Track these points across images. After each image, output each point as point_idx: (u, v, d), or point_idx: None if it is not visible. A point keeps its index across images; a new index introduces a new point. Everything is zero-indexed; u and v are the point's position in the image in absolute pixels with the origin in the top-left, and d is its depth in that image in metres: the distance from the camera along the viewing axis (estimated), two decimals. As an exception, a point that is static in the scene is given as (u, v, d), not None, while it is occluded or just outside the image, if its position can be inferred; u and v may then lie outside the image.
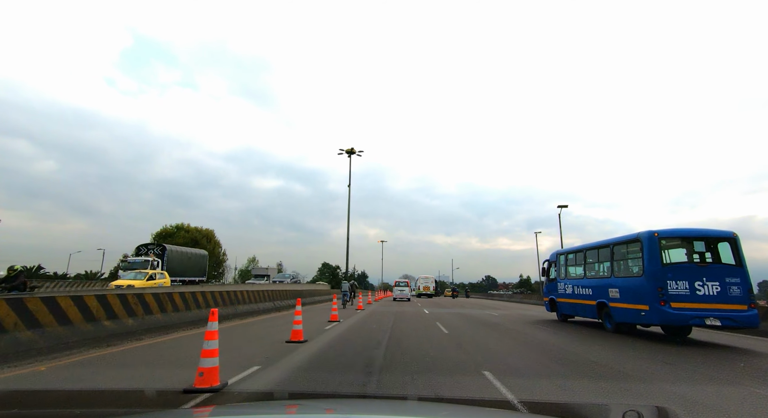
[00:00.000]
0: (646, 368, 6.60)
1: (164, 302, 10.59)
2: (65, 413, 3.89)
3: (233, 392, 4.53)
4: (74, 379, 5.02)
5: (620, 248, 11.72)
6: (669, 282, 9.70)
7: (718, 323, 9.29)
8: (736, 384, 5.55)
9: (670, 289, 9.65)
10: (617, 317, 11.35)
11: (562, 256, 15.88)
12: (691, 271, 9.79)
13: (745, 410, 4.31)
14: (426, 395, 4.52)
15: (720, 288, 9.55)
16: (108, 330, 8.19)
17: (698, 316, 9.38)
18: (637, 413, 1.74)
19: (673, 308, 9.51)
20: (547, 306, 17.33)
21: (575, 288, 14.23)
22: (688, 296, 9.57)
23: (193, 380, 4.63)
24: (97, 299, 8.19)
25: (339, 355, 7.20)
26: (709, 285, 9.60)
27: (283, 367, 5.93)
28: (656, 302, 9.68)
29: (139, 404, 4.21)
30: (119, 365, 5.90)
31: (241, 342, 8.48)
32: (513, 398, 4.43)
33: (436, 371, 5.86)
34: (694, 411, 4.20)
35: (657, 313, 9.65)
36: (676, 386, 5.34)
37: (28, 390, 4.59)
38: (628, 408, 2.13)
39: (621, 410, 2.03)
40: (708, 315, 9.36)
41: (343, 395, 4.43)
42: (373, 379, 5.20)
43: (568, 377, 5.68)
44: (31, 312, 6.69)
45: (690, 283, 9.65)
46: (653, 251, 10.13)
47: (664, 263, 10.08)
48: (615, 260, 11.88)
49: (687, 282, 9.66)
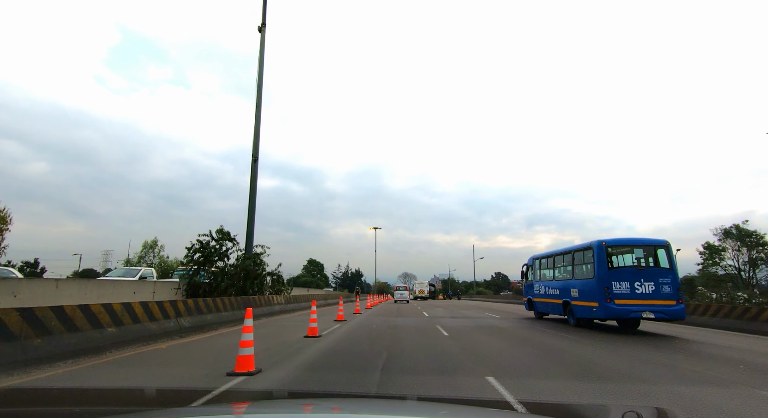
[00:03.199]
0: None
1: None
2: (65, 410, 3.95)
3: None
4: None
5: (579, 255, 13.75)
6: (613, 283, 11.72)
7: (653, 316, 11.32)
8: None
9: (615, 289, 11.67)
10: (577, 313, 13.36)
11: (537, 260, 17.92)
12: (632, 273, 11.82)
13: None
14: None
15: (654, 287, 11.59)
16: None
17: (637, 310, 11.41)
18: (637, 413, 1.72)
19: (616, 305, 11.53)
20: (525, 305, 19.42)
21: (547, 289, 16.27)
22: (629, 295, 11.59)
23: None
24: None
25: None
26: (646, 285, 11.63)
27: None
28: (603, 299, 11.70)
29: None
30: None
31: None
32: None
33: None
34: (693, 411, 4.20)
35: (604, 309, 11.67)
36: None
37: (31, 388, 4.79)
38: (628, 409, 2.20)
39: (620, 411, 2.05)
40: (644, 309, 11.39)
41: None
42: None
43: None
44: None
45: (630, 283, 11.68)
46: (601, 257, 12.16)
47: (611, 267, 12.11)
48: (575, 265, 13.91)
49: (628, 283, 11.69)
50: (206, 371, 5.84)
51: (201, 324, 10.91)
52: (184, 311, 10.35)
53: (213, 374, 5.66)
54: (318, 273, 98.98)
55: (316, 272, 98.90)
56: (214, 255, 17.42)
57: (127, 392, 4.84)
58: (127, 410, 3.09)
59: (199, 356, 7.49)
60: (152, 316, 8.95)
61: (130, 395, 4.71)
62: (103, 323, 7.41)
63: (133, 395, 4.69)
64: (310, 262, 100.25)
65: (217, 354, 7.55)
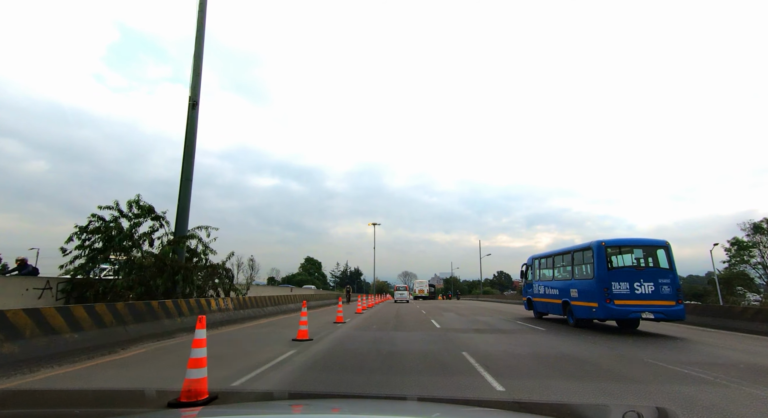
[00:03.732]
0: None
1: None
2: (65, 412, 3.83)
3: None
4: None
5: (578, 255, 13.76)
6: (613, 283, 11.74)
7: (652, 316, 11.34)
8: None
9: (614, 289, 11.69)
10: (577, 314, 13.38)
11: (536, 260, 17.94)
12: (631, 274, 11.84)
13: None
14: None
15: (654, 287, 11.61)
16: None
17: (636, 311, 11.43)
18: (637, 413, 1.72)
19: (616, 305, 11.55)
20: (525, 305, 19.45)
21: (546, 289, 16.28)
22: (629, 295, 11.61)
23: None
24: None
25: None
26: (646, 285, 11.65)
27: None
28: (603, 300, 11.71)
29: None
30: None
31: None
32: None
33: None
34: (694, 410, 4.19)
35: (604, 309, 11.68)
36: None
37: (33, 390, 4.61)
38: (628, 408, 2.21)
39: (621, 411, 2.05)
40: (644, 310, 11.40)
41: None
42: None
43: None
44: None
45: (630, 284, 11.69)
46: (601, 258, 12.18)
47: (610, 268, 12.12)
48: (575, 265, 13.93)
49: (628, 283, 11.70)
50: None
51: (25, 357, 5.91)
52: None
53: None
54: (316, 272, 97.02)
55: (314, 270, 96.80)
56: (124, 239, 12.75)
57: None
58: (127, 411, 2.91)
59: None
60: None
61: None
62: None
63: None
64: (308, 260, 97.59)
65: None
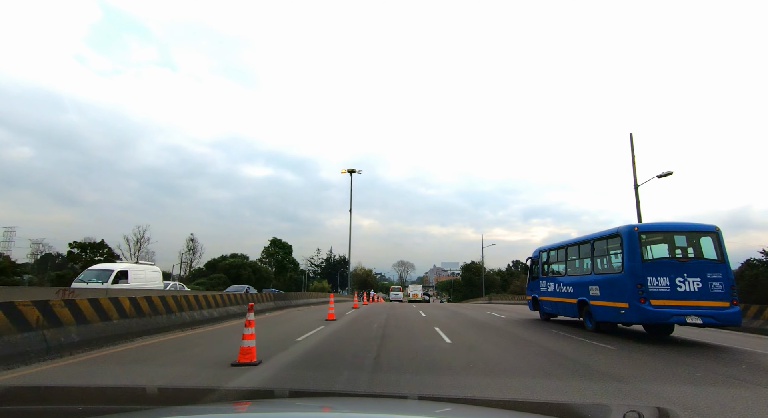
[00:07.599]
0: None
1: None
2: (67, 409, 3.61)
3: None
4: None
5: (600, 244, 11.29)
6: (649, 279, 9.27)
7: (700, 321, 8.90)
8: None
9: (650, 286, 9.23)
10: (597, 316, 10.92)
11: (544, 253, 15.44)
12: (672, 267, 9.37)
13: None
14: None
15: (701, 284, 9.15)
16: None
17: (679, 314, 8.97)
18: (638, 413, 1.71)
19: (653, 306, 9.09)
20: (529, 305, 16.91)
21: (556, 286, 13.81)
22: (669, 293, 9.15)
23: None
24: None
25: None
26: (690, 281, 9.19)
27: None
28: (636, 299, 9.24)
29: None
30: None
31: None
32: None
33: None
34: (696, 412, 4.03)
35: (637, 311, 9.22)
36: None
37: (34, 386, 4.59)
38: (629, 408, 2.13)
39: (622, 411, 2.01)
40: (689, 313, 8.95)
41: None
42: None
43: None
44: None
45: (671, 279, 9.23)
46: (633, 247, 9.70)
47: (644, 259, 9.65)
48: (595, 257, 11.46)
49: (668, 278, 9.24)
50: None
51: None
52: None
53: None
54: (284, 258, 73.41)
55: (281, 256, 72.56)
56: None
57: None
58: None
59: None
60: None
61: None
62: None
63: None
64: (273, 243, 72.35)
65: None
